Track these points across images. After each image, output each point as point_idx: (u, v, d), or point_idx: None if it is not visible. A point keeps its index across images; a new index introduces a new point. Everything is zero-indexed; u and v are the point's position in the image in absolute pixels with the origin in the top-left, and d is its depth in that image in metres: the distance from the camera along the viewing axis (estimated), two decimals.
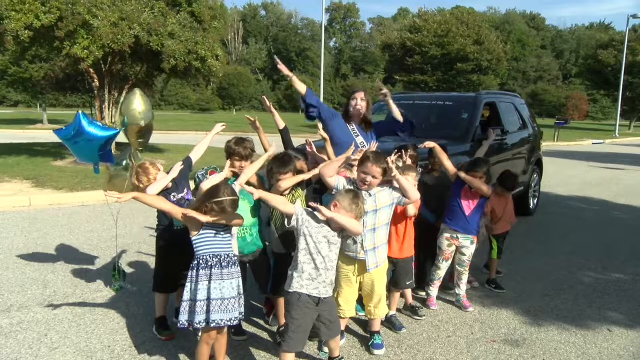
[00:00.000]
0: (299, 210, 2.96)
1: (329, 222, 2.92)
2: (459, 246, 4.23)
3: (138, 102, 3.85)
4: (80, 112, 3.58)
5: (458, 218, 4.19)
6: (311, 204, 2.94)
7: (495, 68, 35.38)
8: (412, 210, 3.72)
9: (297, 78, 4.40)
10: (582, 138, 28.41)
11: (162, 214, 3.59)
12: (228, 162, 3.58)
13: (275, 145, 3.78)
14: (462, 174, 4.10)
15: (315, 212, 2.89)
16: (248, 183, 3.33)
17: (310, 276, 2.90)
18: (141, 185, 3.43)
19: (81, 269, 5.00)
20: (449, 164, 4.19)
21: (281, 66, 4.31)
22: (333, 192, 3.31)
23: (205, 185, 3.18)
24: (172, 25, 11.10)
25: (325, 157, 3.97)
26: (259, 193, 2.97)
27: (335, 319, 3.08)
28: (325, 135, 4.02)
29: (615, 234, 6.97)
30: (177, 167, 3.66)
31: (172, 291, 3.72)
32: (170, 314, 3.81)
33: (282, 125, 4.32)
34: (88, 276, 4.80)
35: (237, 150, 3.58)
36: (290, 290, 2.93)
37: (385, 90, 4.29)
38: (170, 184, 3.57)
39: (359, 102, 4.33)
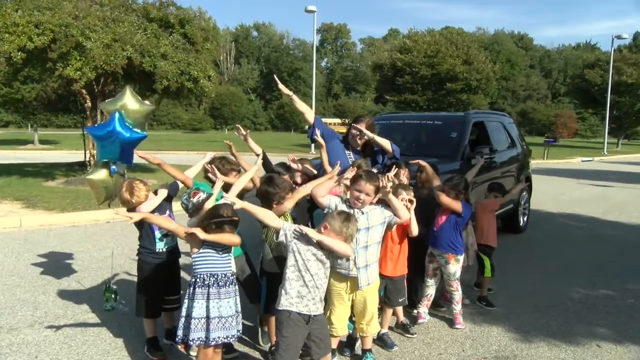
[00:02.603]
0: (287, 226, 3.00)
1: (318, 243, 2.95)
2: (439, 264, 4.30)
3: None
4: (117, 112, 3.83)
5: (431, 234, 4.29)
6: (300, 227, 2.96)
7: (485, 87, 35.79)
8: (415, 230, 3.74)
9: (298, 98, 4.47)
10: (571, 156, 28.77)
11: (145, 237, 3.61)
12: (219, 181, 3.60)
13: (260, 161, 3.92)
14: (437, 191, 4.22)
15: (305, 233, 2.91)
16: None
17: (300, 294, 2.93)
18: (133, 201, 3.47)
19: (72, 290, 4.99)
20: (437, 183, 4.28)
21: (281, 86, 4.40)
22: (325, 211, 3.36)
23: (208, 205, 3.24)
24: (165, 46, 11.22)
25: (314, 170, 4.07)
26: (242, 204, 3.02)
27: (326, 337, 3.10)
28: (321, 141, 4.16)
29: (604, 251, 7.05)
30: (164, 191, 3.71)
31: (156, 316, 3.68)
32: (162, 335, 3.80)
33: (259, 151, 4.30)
34: (79, 297, 4.78)
35: (232, 166, 3.87)
36: (279, 309, 2.95)
37: (367, 134, 4.40)
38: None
39: (359, 135, 4.40)
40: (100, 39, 10.07)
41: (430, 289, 4.36)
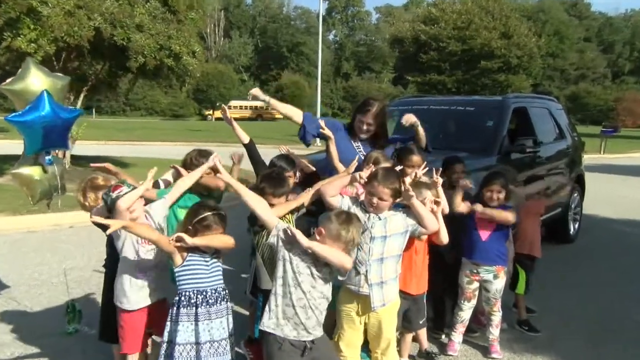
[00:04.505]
0: (281, 225, 2.98)
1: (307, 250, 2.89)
2: (482, 281, 4.26)
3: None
4: (45, 90, 3.79)
5: (475, 247, 4.24)
6: (290, 228, 2.92)
7: (527, 66, 35.77)
8: (445, 237, 3.67)
9: (277, 101, 4.46)
10: (635, 149, 28.52)
11: (111, 247, 3.60)
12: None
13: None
14: (480, 209, 4.15)
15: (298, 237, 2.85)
16: None
17: (285, 315, 2.90)
18: (87, 204, 3.49)
19: (26, 310, 5.00)
20: (458, 201, 4.17)
21: (255, 91, 4.33)
22: None
23: (123, 201, 3.11)
24: (141, 15, 11.22)
25: (313, 168, 4.07)
26: (227, 178, 3.12)
27: None
28: (329, 133, 4.17)
29: None
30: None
31: None
32: None
33: (246, 139, 4.27)
34: (35, 318, 4.80)
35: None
36: (262, 328, 2.94)
37: (415, 126, 4.57)
38: None
39: (369, 121, 4.39)
40: (60, 5, 9.99)
41: (467, 313, 4.34)
